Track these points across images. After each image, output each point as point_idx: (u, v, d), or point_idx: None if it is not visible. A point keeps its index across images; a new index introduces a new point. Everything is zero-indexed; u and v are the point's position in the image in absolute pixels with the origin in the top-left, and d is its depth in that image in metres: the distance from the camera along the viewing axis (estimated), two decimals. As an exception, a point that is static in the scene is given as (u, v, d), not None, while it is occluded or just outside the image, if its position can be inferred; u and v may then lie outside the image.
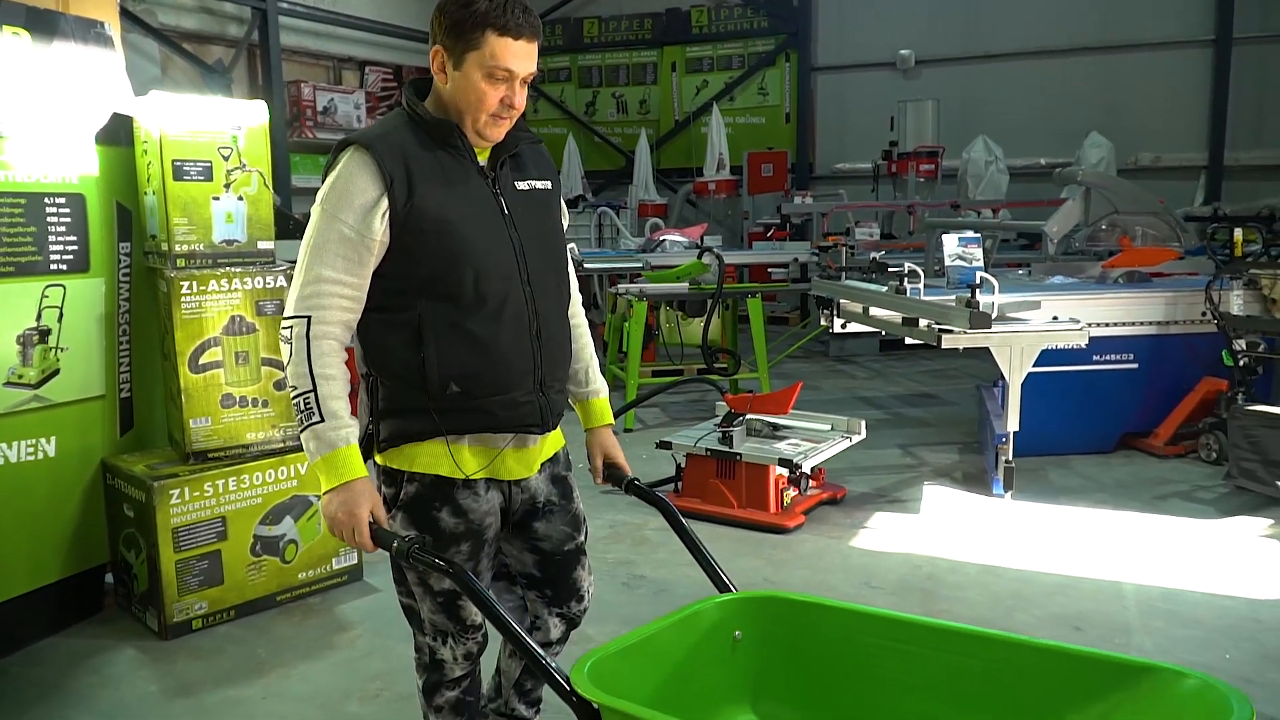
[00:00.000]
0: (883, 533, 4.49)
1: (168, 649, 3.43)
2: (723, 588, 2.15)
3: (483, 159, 2.11)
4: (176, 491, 3.47)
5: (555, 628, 2.35)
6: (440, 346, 2.03)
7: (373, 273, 2.02)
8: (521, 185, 2.16)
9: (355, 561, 3.99)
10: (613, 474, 2.43)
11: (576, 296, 2.39)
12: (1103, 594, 3.80)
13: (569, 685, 1.71)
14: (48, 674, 3.25)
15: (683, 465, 4.80)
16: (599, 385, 2.44)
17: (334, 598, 3.85)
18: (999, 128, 11.41)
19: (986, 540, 4.37)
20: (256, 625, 3.61)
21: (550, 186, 2.22)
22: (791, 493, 4.60)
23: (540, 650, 1.86)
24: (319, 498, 1.95)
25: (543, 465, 2.25)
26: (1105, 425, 5.72)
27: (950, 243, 5.79)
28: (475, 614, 2.17)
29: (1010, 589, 3.86)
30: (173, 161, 3.49)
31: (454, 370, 2.05)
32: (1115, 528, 4.50)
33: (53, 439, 3.50)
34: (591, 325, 2.55)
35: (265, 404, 3.73)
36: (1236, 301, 5.39)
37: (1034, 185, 11.36)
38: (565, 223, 2.29)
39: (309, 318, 1.97)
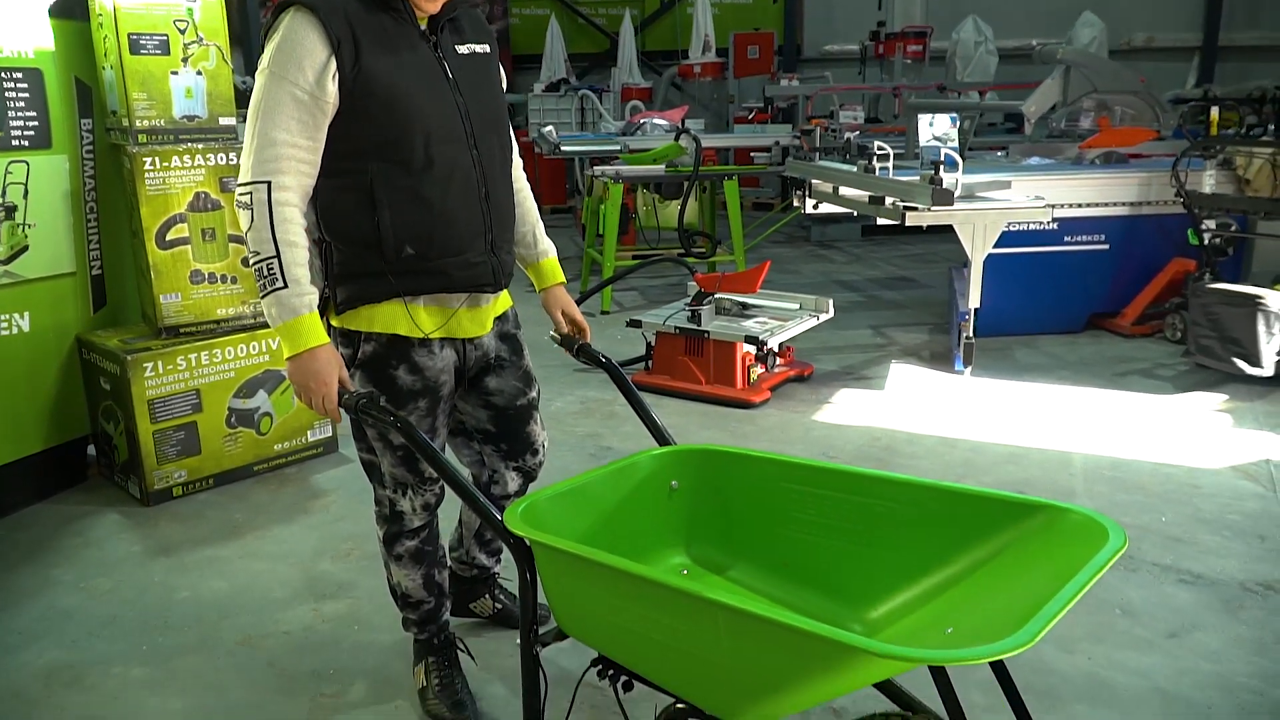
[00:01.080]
0: (846, 407, 4.62)
1: (149, 514, 3.57)
2: (662, 442, 2.26)
3: (422, 23, 2.13)
4: (150, 365, 3.56)
5: (512, 480, 2.47)
6: (394, 210, 2.08)
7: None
8: (462, 49, 2.18)
9: (330, 434, 4.11)
10: (566, 338, 2.51)
11: (518, 160, 2.43)
12: (1051, 463, 3.94)
13: (502, 524, 1.82)
14: (34, 536, 3.41)
15: (652, 343, 4.89)
16: (547, 245, 2.51)
17: (309, 468, 3.99)
18: (990, 7, 11.18)
19: (945, 414, 4.50)
20: (234, 493, 3.76)
21: (489, 50, 2.24)
22: (758, 370, 4.71)
23: (482, 496, 1.97)
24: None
25: (494, 322, 2.34)
26: (1074, 306, 5.80)
27: (925, 123, 5.77)
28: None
29: (963, 458, 4.00)
30: (128, 35, 3.47)
31: (408, 234, 2.10)
32: (1072, 402, 4.62)
33: (26, 315, 3.57)
34: (570, 210, 2.62)
35: (234, 280, 3.79)
36: (1208, 181, 5.41)
37: (1024, 68, 11.15)
38: (503, 86, 2.31)
39: (268, 183, 1.98)
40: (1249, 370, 4.53)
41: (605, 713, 2.38)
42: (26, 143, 3.49)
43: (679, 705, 1.76)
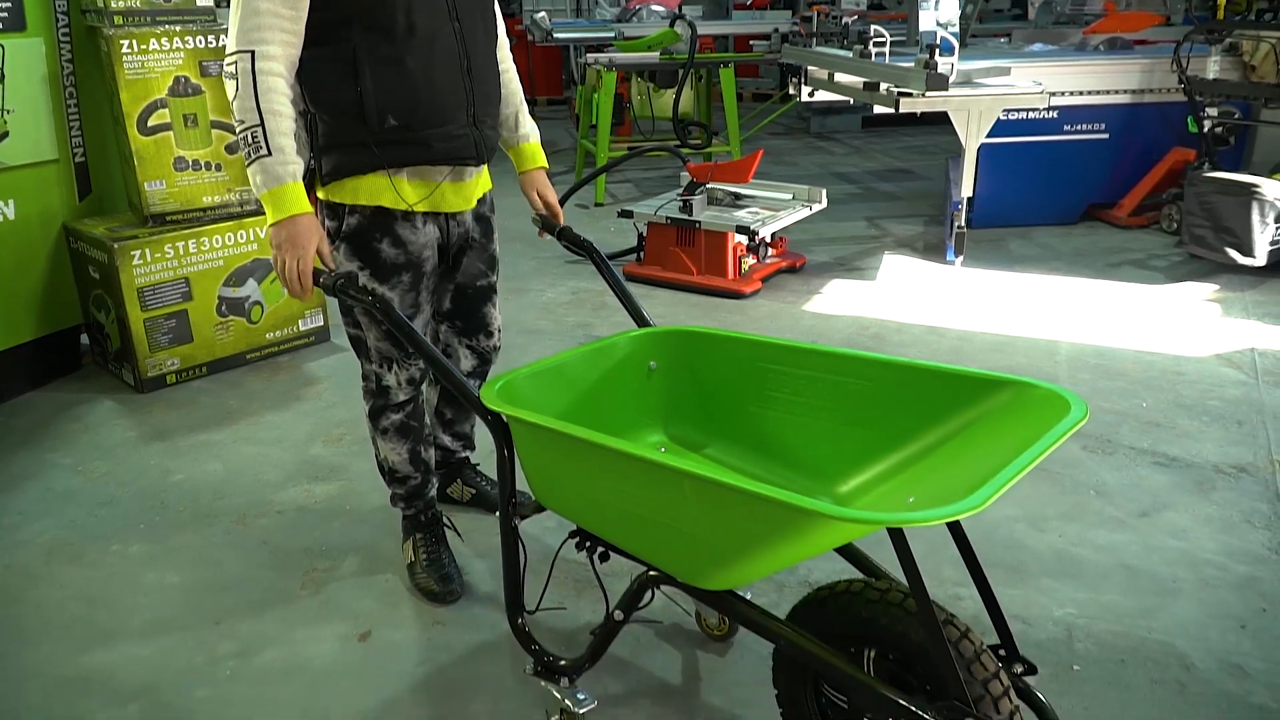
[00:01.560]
0: (836, 297, 4.63)
1: (144, 401, 3.63)
2: (642, 324, 2.28)
3: None
4: (138, 253, 3.56)
5: (466, 359, 2.54)
6: (376, 80, 2.08)
7: None
8: None
9: (321, 323, 4.14)
10: (546, 222, 2.51)
11: (504, 41, 2.42)
12: (1038, 351, 3.97)
13: (478, 401, 1.85)
14: (31, 422, 3.47)
15: (644, 234, 4.88)
16: (530, 129, 2.50)
17: (302, 356, 4.03)
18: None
19: (935, 304, 4.51)
20: (227, 381, 3.81)
21: None
22: (750, 260, 4.70)
23: (459, 373, 2.01)
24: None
25: (477, 205, 2.35)
26: (1072, 197, 5.76)
27: (929, 6, 5.62)
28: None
29: (950, 346, 4.03)
30: (100, -90, 3.37)
31: (391, 104, 2.10)
32: (1062, 293, 4.63)
33: (10, 202, 3.56)
34: (565, 102, 2.61)
35: (219, 168, 3.76)
36: (1212, 67, 5.30)
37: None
38: None
39: (252, 52, 1.98)
40: (1241, 260, 4.53)
41: (586, 585, 2.46)
42: (1, 25, 3.42)
43: (652, 573, 1.82)
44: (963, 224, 4.77)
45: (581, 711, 1.95)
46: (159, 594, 2.50)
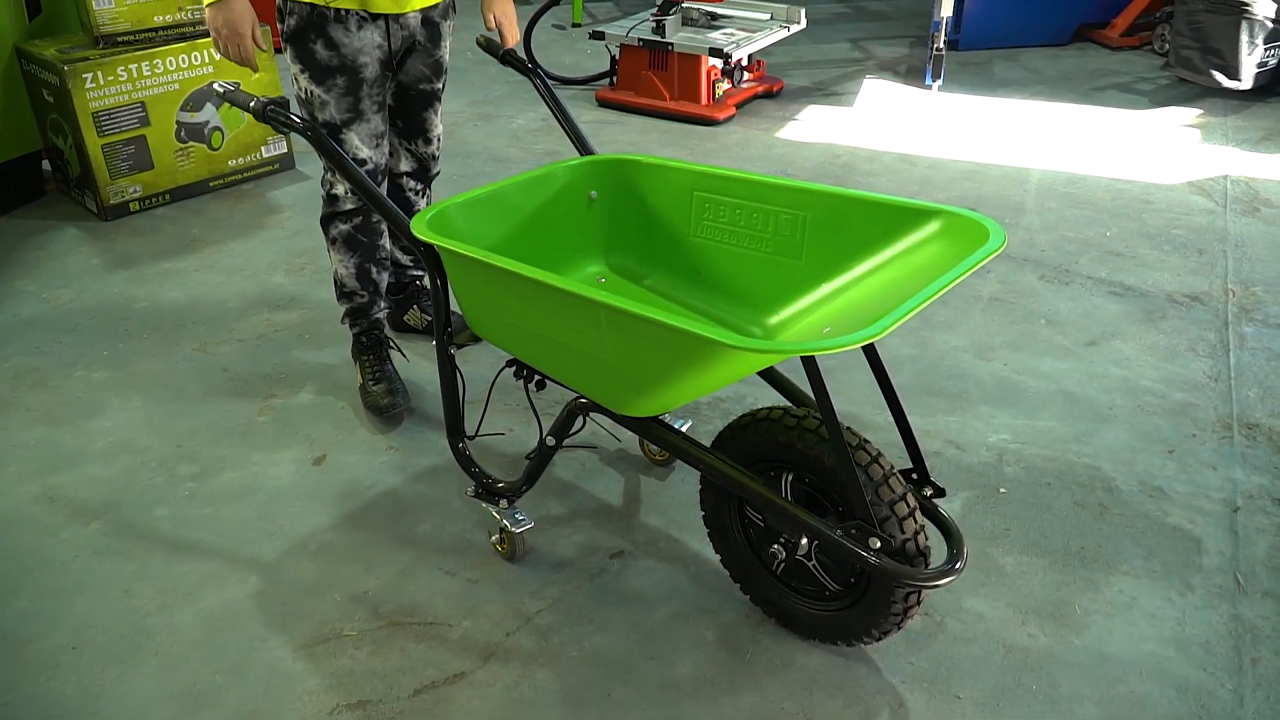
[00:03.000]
0: (811, 124, 4.53)
1: (107, 229, 3.62)
2: (584, 151, 2.25)
3: None
4: (90, 75, 3.46)
5: (405, 160, 2.58)
6: None
7: None
8: None
9: (285, 150, 4.07)
10: (490, 43, 2.44)
11: None
12: (1009, 179, 3.92)
13: (408, 229, 1.85)
14: (-11, 251, 3.48)
15: (617, 57, 4.72)
16: None
17: (266, 184, 3.99)
18: None
19: (910, 130, 4.42)
20: (191, 208, 3.78)
21: None
22: (724, 85, 4.57)
23: (390, 203, 1.99)
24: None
25: (423, 11, 2.33)
26: (1062, 15, 5.53)
27: None
28: (358, 148, 2.31)
29: (920, 175, 3.98)
30: None
31: None
32: (1041, 118, 4.53)
33: (-48, 21, 3.44)
34: None
35: (167, -15, 3.61)
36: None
37: None
38: None
39: None
40: (1226, 83, 4.40)
41: (528, 414, 2.53)
42: None
43: (581, 400, 1.87)
44: (940, 46, 4.61)
45: (518, 531, 2.05)
46: (122, 417, 2.57)
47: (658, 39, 4.47)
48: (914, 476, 1.81)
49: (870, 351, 1.78)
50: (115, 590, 2.04)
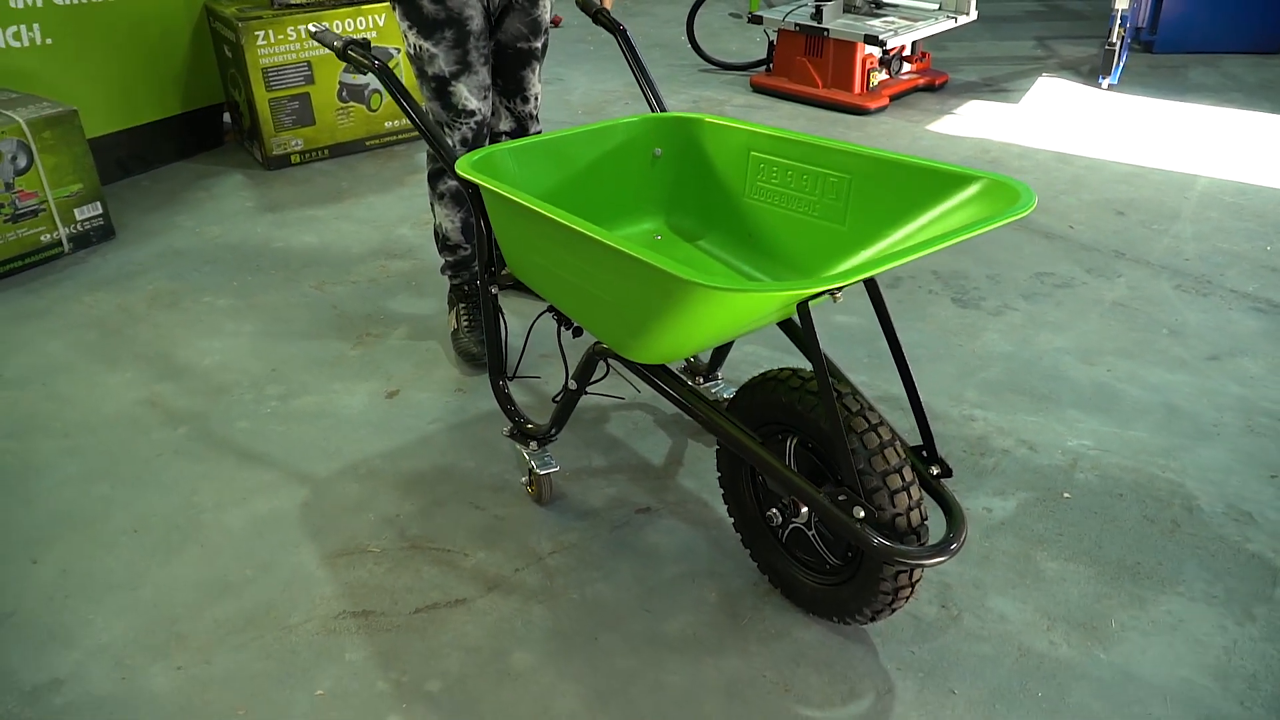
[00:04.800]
0: (968, 119, 4.33)
1: (267, 177, 3.93)
2: (656, 109, 2.26)
3: None
4: (261, 33, 3.78)
5: (505, 120, 2.65)
6: None
7: None
8: None
9: (438, 116, 4.29)
10: (586, 2, 2.48)
11: None
12: (1170, 184, 3.61)
13: (453, 164, 1.92)
14: (169, 188, 3.84)
15: (774, 42, 4.68)
16: None
17: (417, 146, 4.22)
18: None
19: (1075, 130, 4.15)
20: (346, 164, 4.05)
21: None
22: (881, 74, 4.44)
23: (442, 137, 2.05)
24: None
25: None
26: (1272, 21, 5.02)
27: None
28: (467, 100, 2.40)
29: (1073, 174, 3.72)
30: None
31: None
32: (1224, 126, 4.14)
33: (155, -18, 3.83)
34: None
35: (339, -46, 3.88)
36: None
37: None
38: None
39: None
40: None
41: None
42: None
43: (599, 345, 1.88)
44: (1113, 40, 4.28)
45: (544, 473, 2.08)
46: (232, 340, 2.80)
47: (814, 24, 4.39)
48: (924, 454, 1.71)
49: (884, 320, 1.70)
50: (183, 487, 2.23)
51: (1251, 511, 2.07)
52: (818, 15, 4.39)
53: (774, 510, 1.77)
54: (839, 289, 1.58)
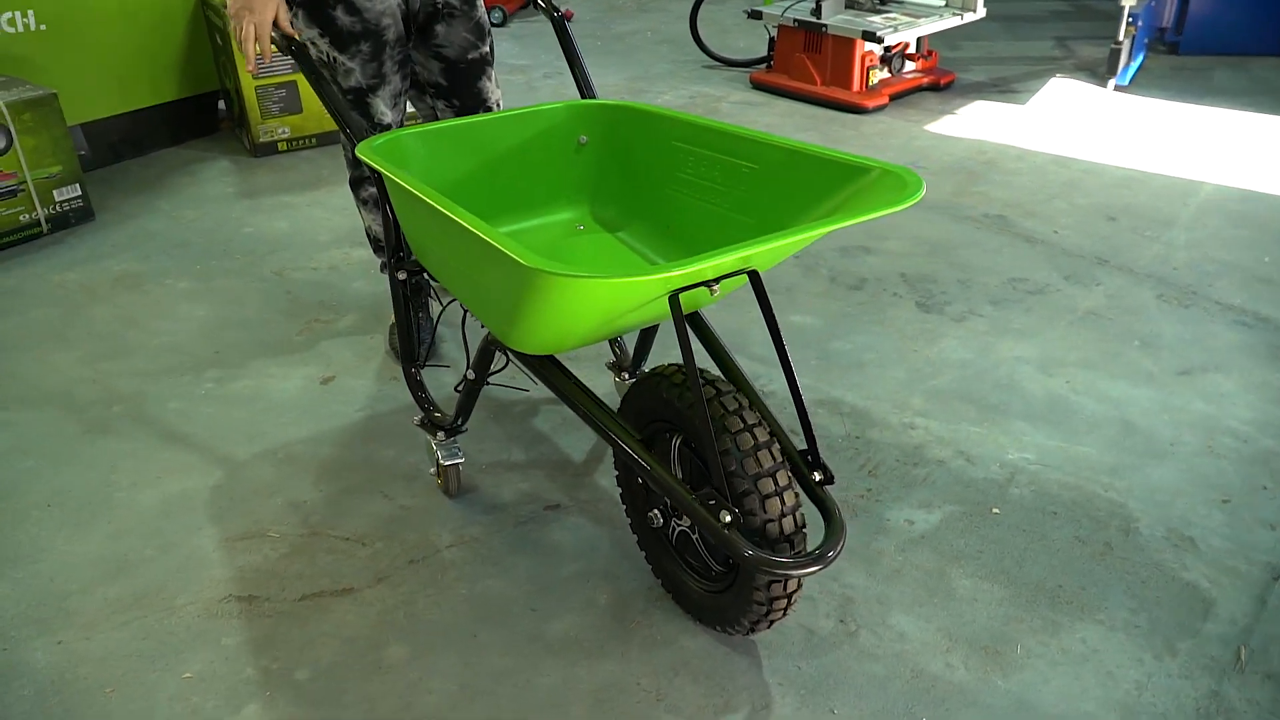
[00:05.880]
0: (969, 120, 4.20)
1: (253, 164, 3.95)
2: (586, 96, 2.20)
3: None
4: (251, 22, 3.78)
5: None
6: None
7: None
8: None
9: (431, 107, 4.27)
10: None
11: None
12: (1171, 191, 3.45)
13: (354, 150, 1.87)
14: (155, 173, 3.87)
15: (775, 38, 4.59)
16: None
17: (406, 137, 4.21)
18: None
19: (1080, 133, 4.00)
20: (330, 153, 4.05)
21: None
22: (881, 73, 4.33)
23: (355, 123, 2.00)
24: None
25: None
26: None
27: None
28: (383, 114, 2.35)
29: (1069, 178, 3.59)
30: None
31: None
32: (1241, 131, 3.95)
33: (150, -33, 3.87)
34: None
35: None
36: None
37: None
38: None
39: None
40: None
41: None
42: None
43: (490, 335, 1.83)
44: (1120, 39, 4.12)
45: (448, 464, 2.04)
46: (183, 323, 2.80)
47: (813, 20, 4.30)
48: (809, 459, 1.63)
49: (766, 313, 1.62)
50: (103, 465, 2.22)
51: (1194, 537, 1.95)
52: (817, 10, 4.29)
53: (655, 512, 1.71)
54: (714, 282, 1.52)
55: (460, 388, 1.98)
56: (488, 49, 2.42)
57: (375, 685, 1.67)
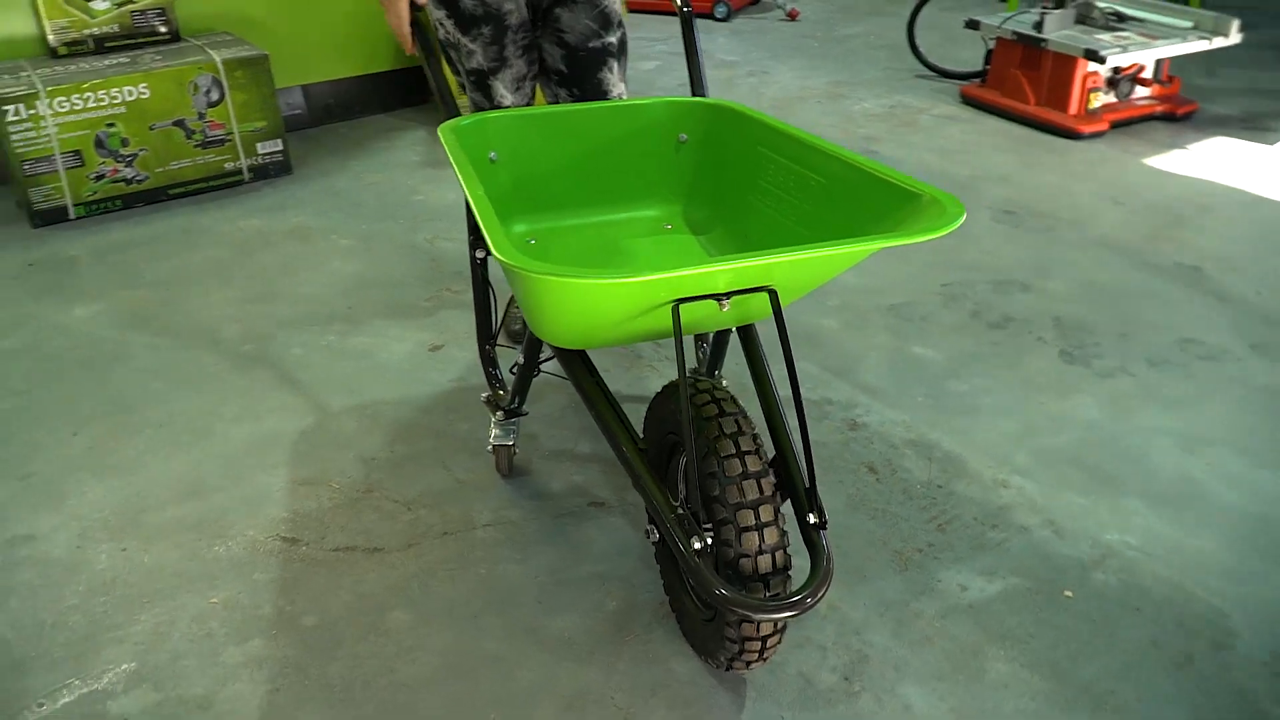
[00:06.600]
0: (1197, 157, 3.74)
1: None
2: (697, 92, 2.14)
3: None
4: (460, 0, 3.97)
5: None
6: None
7: None
8: None
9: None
10: None
11: None
12: None
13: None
14: (360, 136, 4.15)
15: (992, 50, 4.27)
16: None
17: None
18: None
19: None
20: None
21: None
22: (1106, 96, 3.94)
23: (454, 104, 2.06)
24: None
25: None
26: None
27: None
28: (504, 96, 2.40)
29: (1295, 235, 3.12)
30: None
31: None
32: None
33: (381, -56, 4.13)
34: None
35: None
36: None
37: None
38: None
39: None
40: None
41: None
42: None
43: (543, 323, 1.82)
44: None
45: (497, 444, 2.06)
46: (331, 277, 2.99)
47: (1032, 34, 3.97)
48: (809, 498, 1.51)
49: (782, 336, 1.51)
50: (217, 397, 2.41)
51: (1298, 663, 1.65)
52: (1040, 24, 3.96)
53: (651, 525, 1.64)
54: (724, 297, 1.43)
55: (514, 370, 2.00)
56: (613, 40, 2.40)
57: (368, 645, 1.72)
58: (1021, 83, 4.07)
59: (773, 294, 1.48)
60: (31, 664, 1.68)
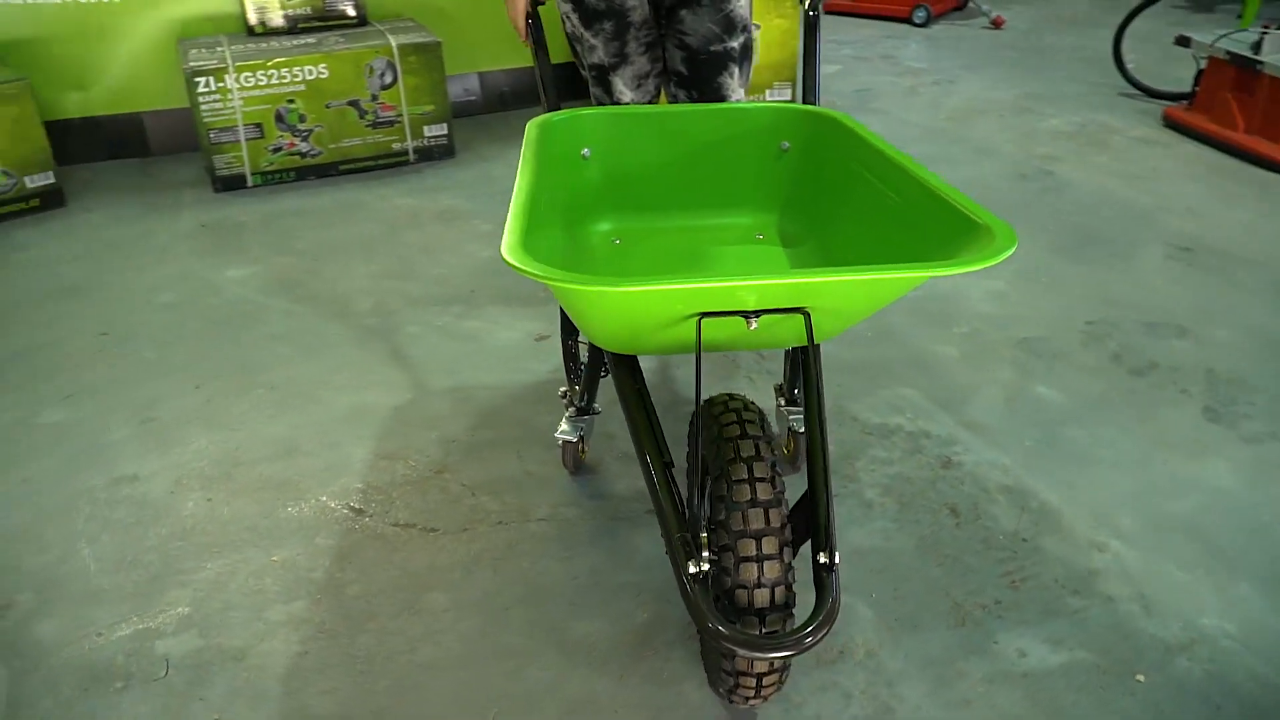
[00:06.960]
0: None
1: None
2: (808, 100, 2.06)
3: None
4: None
5: None
6: None
7: None
8: None
9: (791, 99, 4.22)
10: None
11: None
12: None
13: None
14: (504, 130, 4.25)
15: (1202, 71, 3.87)
16: None
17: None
18: None
19: None
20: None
21: None
22: (1330, 128, 3.49)
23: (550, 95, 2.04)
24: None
25: None
26: None
27: None
28: (623, 93, 2.39)
29: None
30: None
31: None
32: None
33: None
34: None
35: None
36: None
37: None
38: None
39: None
40: None
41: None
42: None
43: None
44: None
45: (561, 439, 2.05)
46: (464, 260, 3.08)
47: (1248, 55, 3.57)
48: (826, 536, 1.41)
49: (805, 366, 1.42)
50: (331, 366, 2.54)
51: (1402, 802, 1.41)
52: (1258, 44, 3.55)
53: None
54: (753, 315, 1.36)
55: (583, 367, 1.99)
56: (735, 45, 2.34)
57: (399, 622, 1.76)
58: (1232, 107, 3.67)
59: (806, 317, 1.40)
60: (104, 595, 1.83)
